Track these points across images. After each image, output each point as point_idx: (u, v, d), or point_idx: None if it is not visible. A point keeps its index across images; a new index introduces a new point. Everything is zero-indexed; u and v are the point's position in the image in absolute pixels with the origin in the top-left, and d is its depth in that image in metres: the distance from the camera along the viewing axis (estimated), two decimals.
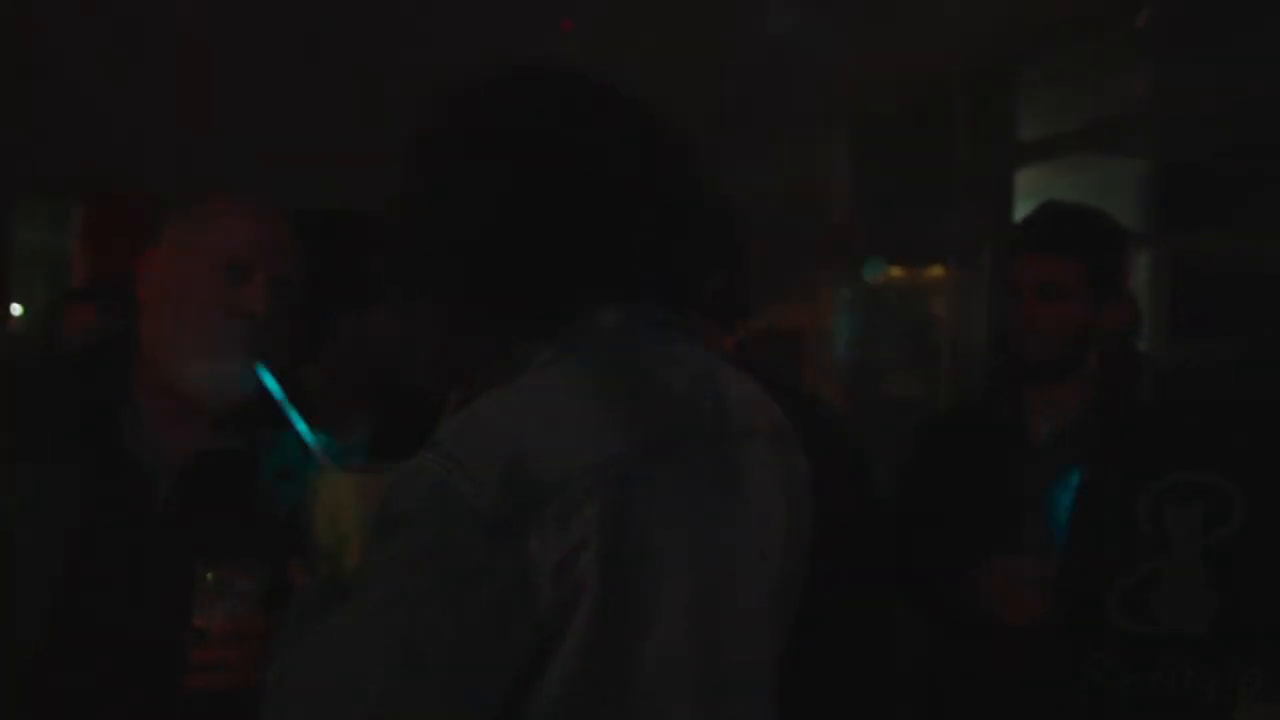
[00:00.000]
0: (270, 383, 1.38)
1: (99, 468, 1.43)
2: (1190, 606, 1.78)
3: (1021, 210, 4.45)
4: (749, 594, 1.16)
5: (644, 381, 1.12)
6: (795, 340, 5.01)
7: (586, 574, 1.01)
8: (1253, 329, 3.19)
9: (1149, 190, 3.75)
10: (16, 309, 5.30)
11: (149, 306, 1.49)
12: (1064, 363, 1.94)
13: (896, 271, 4.71)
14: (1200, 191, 3.56)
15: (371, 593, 1.01)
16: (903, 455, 2.19)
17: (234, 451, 1.50)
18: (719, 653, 1.13)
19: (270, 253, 1.48)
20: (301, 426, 1.34)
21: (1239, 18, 3.13)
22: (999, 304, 4.32)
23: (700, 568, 1.10)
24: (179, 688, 1.31)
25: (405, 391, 1.94)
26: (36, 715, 1.38)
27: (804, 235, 5.12)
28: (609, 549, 1.02)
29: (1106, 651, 1.81)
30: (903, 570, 2.02)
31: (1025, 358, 1.96)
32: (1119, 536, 1.83)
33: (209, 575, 1.33)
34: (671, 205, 1.18)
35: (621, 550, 1.03)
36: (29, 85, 3.96)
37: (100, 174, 3.86)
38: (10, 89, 3.89)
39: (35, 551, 1.39)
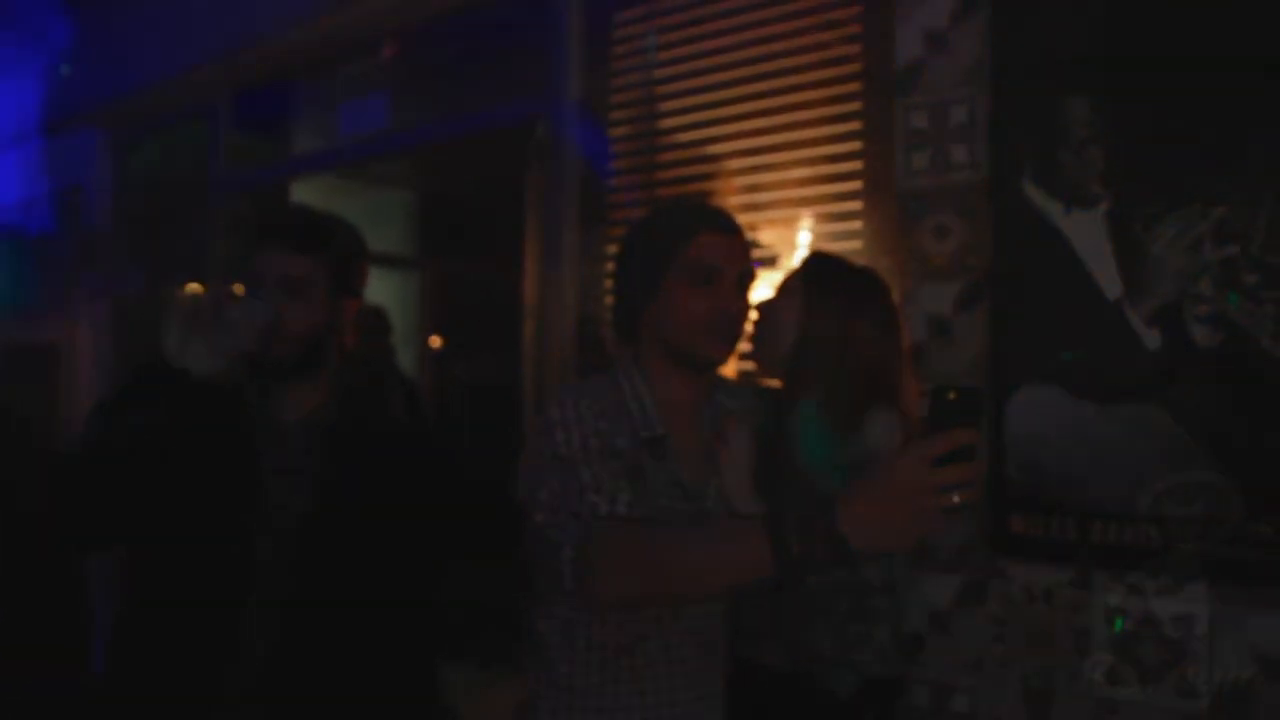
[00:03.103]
0: None
1: None
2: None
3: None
4: None
5: None
6: (47, 355, 4.59)
7: None
8: (502, 345, 3.61)
9: (413, 218, 4.05)
10: None
11: None
12: (307, 358, 1.93)
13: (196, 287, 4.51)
14: (454, 220, 3.94)
15: None
16: None
17: None
18: None
19: None
20: None
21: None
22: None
23: None
24: None
25: None
26: None
27: (63, 244, 4.72)
28: None
29: None
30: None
31: (272, 353, 1.87)
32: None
33: None
34: None
35: None
36: None
37: None
38: None
39: None
